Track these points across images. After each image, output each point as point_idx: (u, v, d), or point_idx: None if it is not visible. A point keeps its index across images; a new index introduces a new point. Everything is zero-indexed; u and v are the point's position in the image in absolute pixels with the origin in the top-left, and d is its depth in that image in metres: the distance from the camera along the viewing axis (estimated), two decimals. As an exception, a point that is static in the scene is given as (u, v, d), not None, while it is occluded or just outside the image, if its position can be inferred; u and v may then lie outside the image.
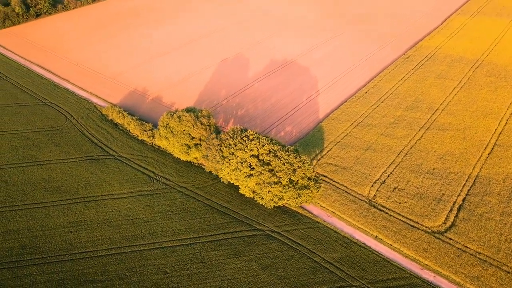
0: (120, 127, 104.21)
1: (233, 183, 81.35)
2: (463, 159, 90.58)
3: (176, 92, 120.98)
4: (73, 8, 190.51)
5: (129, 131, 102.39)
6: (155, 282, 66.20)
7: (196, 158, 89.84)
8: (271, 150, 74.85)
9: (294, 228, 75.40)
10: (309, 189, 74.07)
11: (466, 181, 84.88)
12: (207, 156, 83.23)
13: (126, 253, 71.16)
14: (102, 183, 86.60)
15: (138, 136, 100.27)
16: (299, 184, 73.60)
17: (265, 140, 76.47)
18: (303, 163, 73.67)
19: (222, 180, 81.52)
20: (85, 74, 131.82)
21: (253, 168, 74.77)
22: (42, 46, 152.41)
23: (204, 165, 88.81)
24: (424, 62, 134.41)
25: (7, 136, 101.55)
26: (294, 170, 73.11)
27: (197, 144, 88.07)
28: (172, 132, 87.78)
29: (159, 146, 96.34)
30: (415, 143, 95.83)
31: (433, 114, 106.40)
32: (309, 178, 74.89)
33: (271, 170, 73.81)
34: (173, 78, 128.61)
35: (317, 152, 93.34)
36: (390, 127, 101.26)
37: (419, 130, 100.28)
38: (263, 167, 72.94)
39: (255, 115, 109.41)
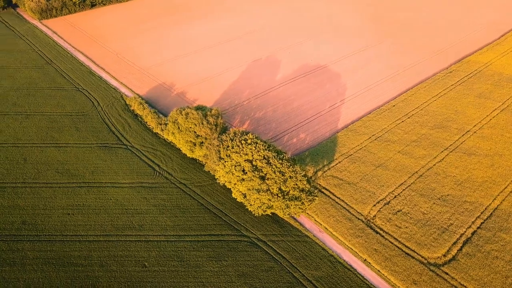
0: (139, 118, 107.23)
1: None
2: (484, 188, 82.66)
3: (201, 89, 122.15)
4: (126, 0, 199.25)
5: (147, 123, 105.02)
6: (132, 274, 67.25)
7: (201, 156, 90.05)
8: (265, 156, 73.02)
9: (281, 239, 73.06)
10: (300, 201, 71.32)
11: (482, 213, 77.34)
12: (207, 155, 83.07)
13: (112, 241, 72.99)
14: (108, 170, 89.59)
15: (153, 128, 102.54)
16: (289, 195, 71.11)
17: (262, 145, 74.73)
18: (296, 173, 71.02)
19: (218, 181, 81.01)
20: (121, 64, 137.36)
21: (246, 172, 73.39)
22: (89, 34, 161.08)
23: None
24: (467, 79, 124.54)
25: (37, 117, 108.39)
26: (285, 180, 70.70)
27: (202, 142, 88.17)
28: (179, 128, 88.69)
29: (170, 141, 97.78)
30: (434, 165, 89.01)
31: (462, 135, 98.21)
32: (302, 190, 72.07)
33: (262, 177, 72.04)
34: (202, 75, 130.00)
35: (325, 163, 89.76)
36: (410, 145, 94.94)
37: (442, 151, 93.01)
38: (254, 173, 71.33)
39: (273, 118, 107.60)
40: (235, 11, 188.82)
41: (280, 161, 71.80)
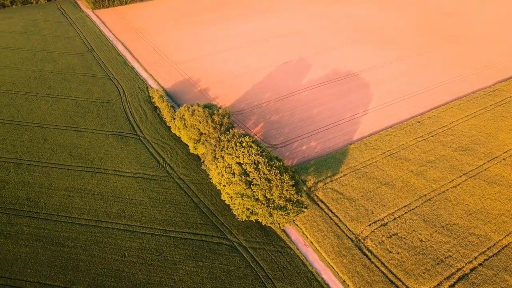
0: (158, 111, 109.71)
1: (223, 187, 79.94)
2: (497, 222, 75.02)
3: (225, 87, 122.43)
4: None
5: (163, 116, 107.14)
6: (111, 262, 68.84)
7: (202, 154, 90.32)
8: (255, 161, 71.44)
9: (263, 247, 71.25)
10: (285, 211, 68.96)
11: (488, 248, 70.21)
12: (204, 154, 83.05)
13: (101, 227, 75.25)
14: (116, 158, 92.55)
15: (167, 122, 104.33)
16: (275, 204, 69.03)
17: (255, 150, 73.16)
18: (283, 182, 68.67)
19: (211, 181, 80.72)
20: (155, 57, 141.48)
21: (235, 176, 72.29)
22: (133, 26, 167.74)
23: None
24: (510, 99, 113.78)
25: (66, 101, 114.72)
26: (271, 188, 68.70)
27: (206, 140, 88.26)
28: (184, 124, 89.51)
29: (179, 135, 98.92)
30: (446, 190, 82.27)
31: (488, 161, 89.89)
32: (288, 200, 69.62)
33: (249, 182, 70.60)
34: (229, 73, 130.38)
35: (328, 175, 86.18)
36: (425, 166, 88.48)
37: (460, 176, 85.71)
38: (241, 177, 70.07)
39: (287, 123, 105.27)
40: (279, 12, 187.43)
41: (269, 168, 69.84)
